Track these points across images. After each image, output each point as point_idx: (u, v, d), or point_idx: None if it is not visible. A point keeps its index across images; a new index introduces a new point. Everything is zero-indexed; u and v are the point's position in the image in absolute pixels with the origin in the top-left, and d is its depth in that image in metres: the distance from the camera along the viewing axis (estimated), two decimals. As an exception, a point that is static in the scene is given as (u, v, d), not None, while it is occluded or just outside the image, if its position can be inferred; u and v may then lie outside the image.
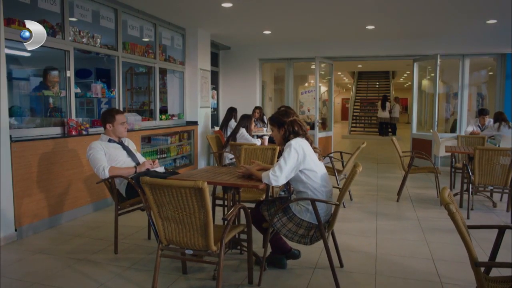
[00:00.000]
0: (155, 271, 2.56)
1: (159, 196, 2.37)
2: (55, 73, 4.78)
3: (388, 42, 8.21)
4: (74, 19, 4.77)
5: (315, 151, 2.99)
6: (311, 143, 2.97)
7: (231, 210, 2.48)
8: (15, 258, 3.37)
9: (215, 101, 9.11)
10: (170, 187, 2.30)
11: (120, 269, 3.14)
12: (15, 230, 3.78)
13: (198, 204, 2.29)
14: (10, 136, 3.72)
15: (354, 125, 17.96)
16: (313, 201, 2.71)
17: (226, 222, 2.42)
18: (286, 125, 2.96)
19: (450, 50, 7.87)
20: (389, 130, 15.96)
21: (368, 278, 2.99)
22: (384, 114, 15.34)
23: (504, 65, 7.82)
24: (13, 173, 3.74)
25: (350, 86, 23.98)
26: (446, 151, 5.25)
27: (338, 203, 2.74)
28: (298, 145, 2.83)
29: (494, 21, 6.44)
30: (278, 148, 4.14)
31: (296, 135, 2.94)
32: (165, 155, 6.52)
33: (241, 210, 3.24)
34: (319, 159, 3.02)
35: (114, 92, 5.62)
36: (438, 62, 7.56)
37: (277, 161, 2.87)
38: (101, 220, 4.49)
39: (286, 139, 2.96)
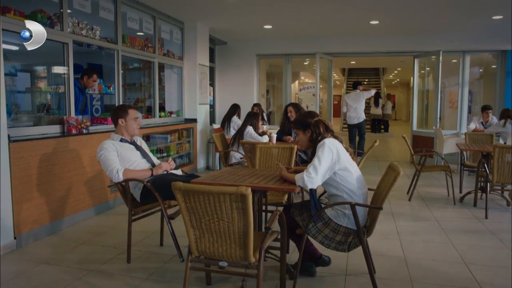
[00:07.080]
0: (184, 285, 2.32)
1: (193, 203, 2.12)
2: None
3: (390, 38, 8.09)
4: (72, 10, 4.44)
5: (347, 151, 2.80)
6: (341, 142, 2.79)
7: (271, 218, 2.26)
8: (16, 270, 3.06)
9: (211, 98, 8.83)
10: (207, 193, 2.06)
11: (137, 280, 2.87)
12: (14, 238, 3.46)
13: (239, 212, 2.06)
14: (8, 135, 3.40)
15: (345, 121, 17.86)
16: (353, 206, 2.52)
17: (267, 230, 2.19)
18: (312, 126, 2.78)
19: (451, 47, 7.81)
20: (382, 127, 15.96)
21: (405, 286, 2.82)
22: (377, 111, 15.33)
23: (505, 62, 7.80)
24: (12, 176, 3.42)
25: (338, 83, 23.93)
26: (460, 149, 5.13)
27: (381, 207, 2.54)
28: (332, 143, 2.66)
29: (500, 16, 6.37)
30: (296, 147, 3.94)
31: (323, 135, 2.75)
32: (165, 154, 6.23)
33: (262, 214, 3.05)
34: (353, 159, 2.82)
35: (111, 88, 5.31)
36: (441, 59, 7.48)
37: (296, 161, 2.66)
38: (104, 224, 4.20)
39: (313, 141, 2.77)
